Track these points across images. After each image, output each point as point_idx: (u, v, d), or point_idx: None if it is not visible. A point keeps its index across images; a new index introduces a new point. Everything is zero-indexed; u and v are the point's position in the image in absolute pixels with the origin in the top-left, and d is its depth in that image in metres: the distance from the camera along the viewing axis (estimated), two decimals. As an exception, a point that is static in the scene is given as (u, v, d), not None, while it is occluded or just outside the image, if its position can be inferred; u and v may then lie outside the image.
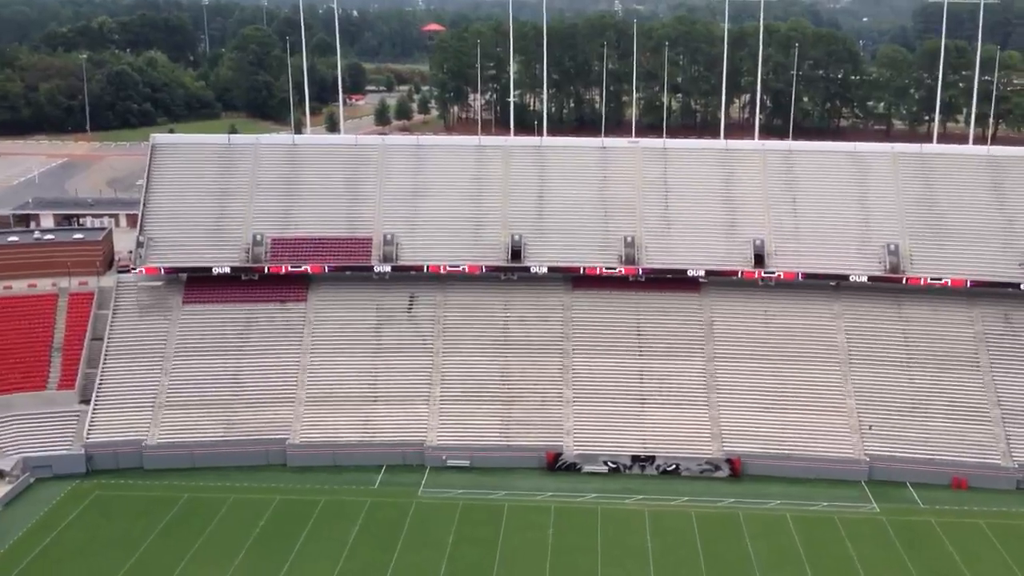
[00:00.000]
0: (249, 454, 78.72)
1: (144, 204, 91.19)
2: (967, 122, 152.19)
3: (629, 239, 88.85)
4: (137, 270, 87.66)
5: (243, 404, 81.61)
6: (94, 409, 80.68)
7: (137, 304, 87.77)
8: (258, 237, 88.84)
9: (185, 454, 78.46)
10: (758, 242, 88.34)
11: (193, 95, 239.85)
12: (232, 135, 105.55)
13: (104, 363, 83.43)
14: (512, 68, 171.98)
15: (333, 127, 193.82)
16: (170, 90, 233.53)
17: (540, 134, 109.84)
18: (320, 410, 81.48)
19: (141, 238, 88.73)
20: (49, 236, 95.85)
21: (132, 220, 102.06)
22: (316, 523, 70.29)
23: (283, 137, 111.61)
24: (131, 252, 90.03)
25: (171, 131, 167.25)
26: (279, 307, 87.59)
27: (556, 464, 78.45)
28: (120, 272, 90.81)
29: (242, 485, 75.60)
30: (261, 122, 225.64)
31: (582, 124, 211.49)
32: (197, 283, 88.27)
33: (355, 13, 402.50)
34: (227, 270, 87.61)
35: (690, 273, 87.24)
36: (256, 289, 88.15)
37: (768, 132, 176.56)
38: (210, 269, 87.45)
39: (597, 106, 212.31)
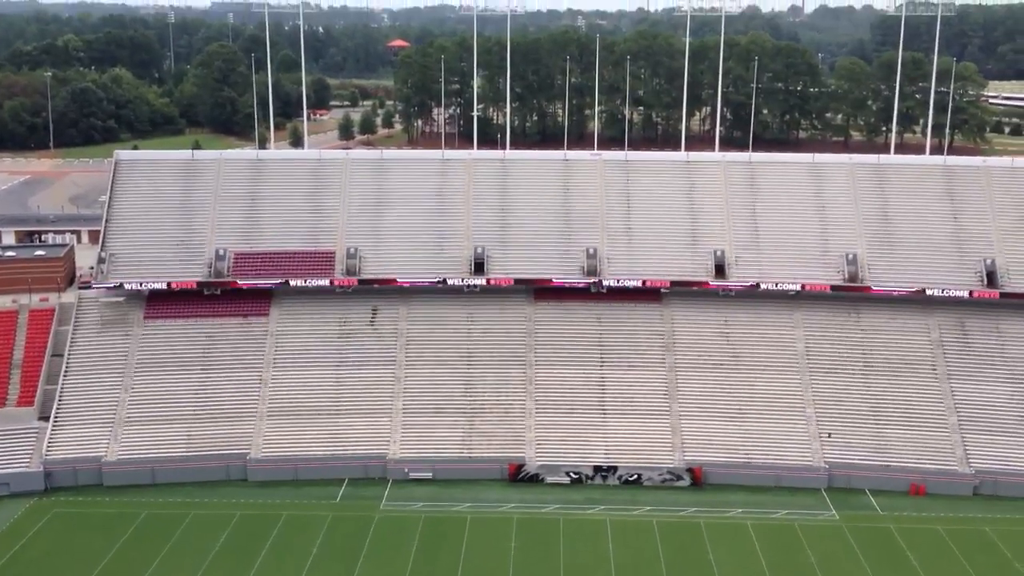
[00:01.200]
0: (210, 469, 78.28)
1: (106, 220, 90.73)
2: (924, 133, 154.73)
3: (591, 251, 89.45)
4: (98, 286, 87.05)
5: (204, 419, 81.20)
6: (53, 426, 79.98)
7: (99, 320, 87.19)
8: (221, 252, 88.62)
9: (145, 470, 77.91)
10: (719, 253, 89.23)
11: (157, 111, 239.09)
12: (196, 151, 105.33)
13: (64, 379, 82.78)
14: (476, 82, 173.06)
15: (297, 142, 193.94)
16: (134, 107, 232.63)
17: (503, 147, 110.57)
18: (282, 424, 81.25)
19: (103, 254, 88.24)
20: (10, 253, 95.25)
21: (94, 236, 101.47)
22: (277, 538, 69.99)
23: (247, 152, 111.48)
24: (92, 268, 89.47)
25: (135, 147, 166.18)
26: (241, 322, 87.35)
27: (518, 475, 78.67)
28: (81, 288, 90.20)
29: (202, 501, 75.16)
30: (225, 138, 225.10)
31: (545, 137, 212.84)
32: (159, 299, 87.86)
33: (320, 30, 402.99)
34: (189, 285, 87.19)
35: (652, 284, 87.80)
36: (218, 304, 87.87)
37: (728, 144, 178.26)
38: (172, 284, 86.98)
39: (560, 119, 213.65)
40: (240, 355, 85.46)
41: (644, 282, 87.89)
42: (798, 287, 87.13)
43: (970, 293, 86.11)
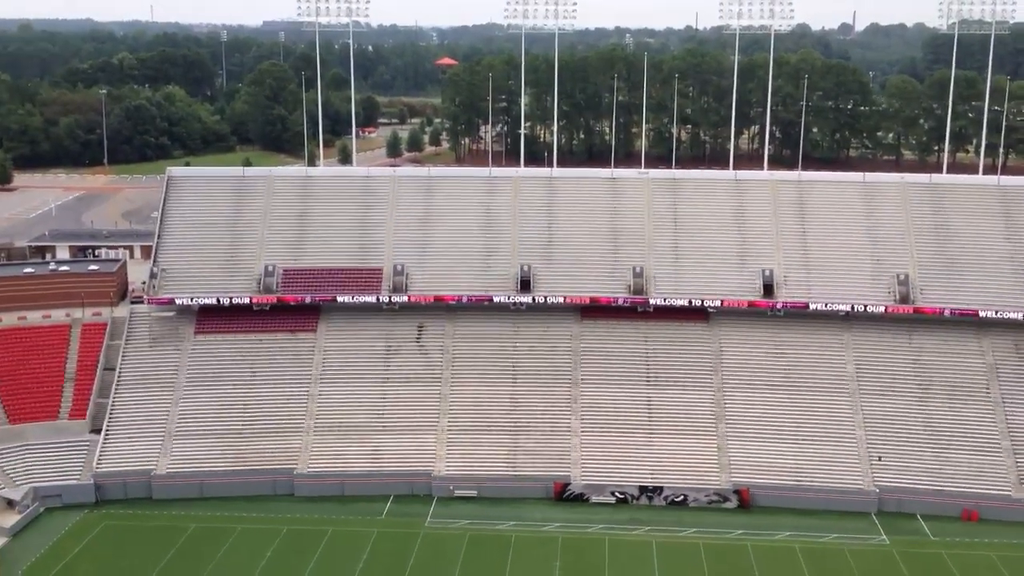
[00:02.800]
0: (257, 484, 78.93)
1: (158, 235, 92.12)
2: (977, 152, 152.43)
3: (638, 269, 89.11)
4: (150, 301, 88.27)
5: (252, 434, 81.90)
6: (104, 439, 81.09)
7: (149, 334, 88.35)
8: (270, 268, 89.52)
9: (194, 484, 78.72)
10: (767, 272, 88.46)
11: (209, 129, 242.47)
12: (246, 167, 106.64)
13: (115, 393, 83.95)
14: (523, 100, 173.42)
15: (346, 159, 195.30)
16: (186, 124, 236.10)
17: (550, 165, 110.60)
18: (328, 440, 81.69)
19: (155, 269, 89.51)
20: (64, 267, 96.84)
21: (146, 252, 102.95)
22: (323, 553, 70.31)
23: (296, 169, 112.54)
24: (144, 283, 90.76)
25: (187, 164, 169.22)
26: (289, 337, 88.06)
27: (563, 494, 78.33)
28: (133, 303, 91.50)
29: (250, 515, 75.74)
30: (275, 155, 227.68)
31: (592, 155, 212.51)
32: (209, 313, 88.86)
33: (370, 48, 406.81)
34: (239, 300, 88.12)
35: (699, 304, 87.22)
36: (267, 319, 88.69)
37: (777, 163, 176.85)
38: (222, 300, 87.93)
39: (607, 137, 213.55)
40: (288, 370, 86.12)
41: (691, 301, 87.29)
42: (848, 307, 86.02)
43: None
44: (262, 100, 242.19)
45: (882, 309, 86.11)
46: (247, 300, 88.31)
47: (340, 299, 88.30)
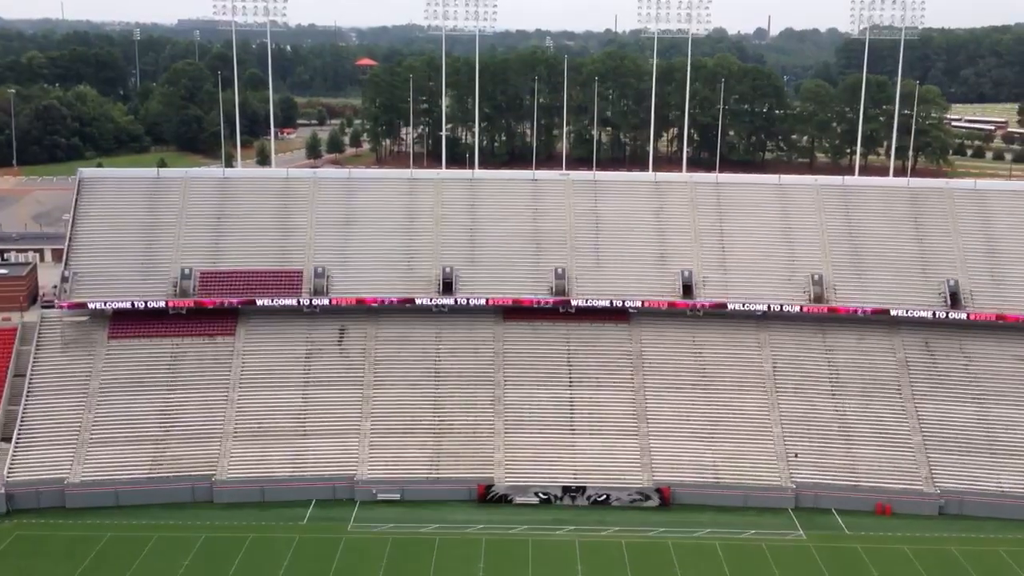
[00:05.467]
0: (174, 491, 77.40)
1: (70, 238, 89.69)
2: (888, 155, 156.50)
3: (560, 270, 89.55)
4: (62, 305, 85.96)
5: (169, 440, 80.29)
6: (15, 447, 78.75)
7: (61, 339, 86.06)
8: (186, 271, 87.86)
9: (109, 492, 76.83)
10: (687, 273, 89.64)
11: (122, 129, 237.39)
12: (161, 168, 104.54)
13: (26, 400, 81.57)
14: (444, 102, 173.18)
15: (264, 161, 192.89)
16: (99, 124, 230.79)
17: (472, 167, 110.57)
18: (248, 445, 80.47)
19: (66, 272, 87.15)
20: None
21: (58, 255, 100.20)
22: (243, 560, 69.17)
23: (213, 170, 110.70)
24: (56, 287, 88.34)
25: (99, 165, 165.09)
26: (207, 341, 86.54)
27: (487, 496, 78.33)
28: (44, 307, 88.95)
29: (167, 523, 74.22)
30: (191, 156, 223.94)
31: (513, 157, 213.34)
32: (123, 318, 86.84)
33: (288, 48, 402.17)
34: (155, 305, 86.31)
35: (620, 304, 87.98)
36: (184, 323, 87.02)
37: (696, 165, 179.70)
38: (136, 304, 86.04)
39: (528, 139, 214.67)
40: (206, 375, 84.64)
41: (612, 302, 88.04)
42: (765, 307, 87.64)
43: (934, 314, 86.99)
44: (177, 100, 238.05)
45: (797, 309, 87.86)
46: (163, 304, 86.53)
47: (259, 302, 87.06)
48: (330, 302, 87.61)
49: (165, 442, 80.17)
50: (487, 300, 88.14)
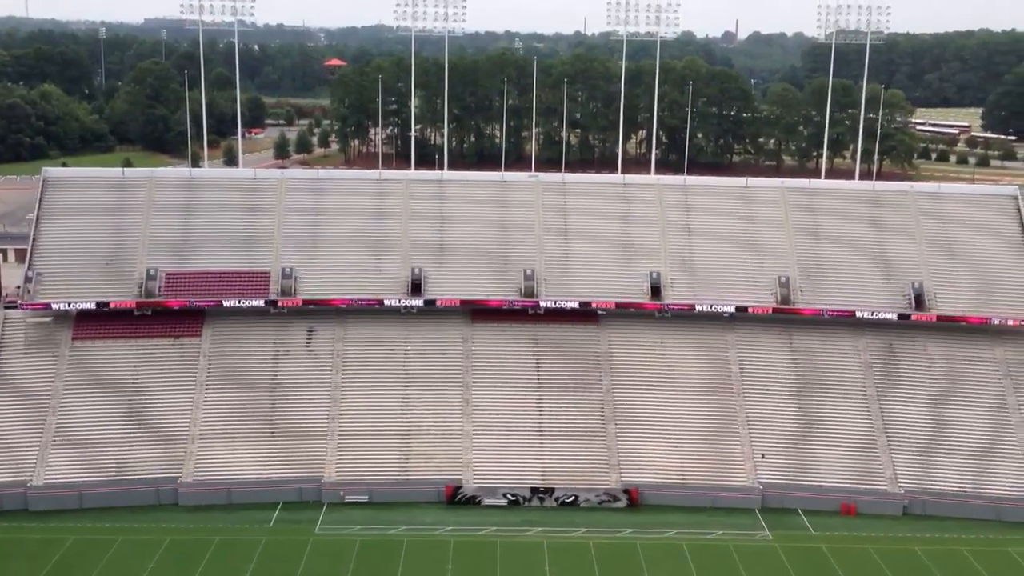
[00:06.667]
0: (139, 493, 76.66)
1: (33, 238, 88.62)
2: (853, 158, 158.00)
3: (529, 272, 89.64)
4: (25, 306, 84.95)
5: (134, 442, 79.52)
6: (-24, 450, 77.71)
7: (24, 341, 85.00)
8: (152, 271, 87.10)
9: (72, 495, 75.96)
10: (655, 275, 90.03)
11: (87, 128, 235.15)
12: (126, 168, 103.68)
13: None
14: (413, 103, 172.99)
15: (231, 161, 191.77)
16: (64, 123, 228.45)
17: (441, 168, 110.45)
18: (214, 447, 79.85)
19: (30, 273, 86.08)
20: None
21: (21, 255, 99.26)
22: (209, 563, 68.63)
23: (179, 170, 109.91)
24: (19, 287, 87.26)
25: (64, 164, 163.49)
26: (173, 342, 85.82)
27: (455, 498, 78.25)
28: (7, 308, 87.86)
29: (132, 526, 73.47)
30: (157, 156, 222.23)
31: (482, 158, 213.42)
32: (88, 319, 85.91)
33: (256, 48, 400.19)
34: (120, 305, 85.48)
35: (589, 306, 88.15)
36: (149, 325, 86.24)
37: (664, 167, 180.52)
38: (101, 304, 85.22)
39: (497, 141, 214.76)
40: (171, 377, 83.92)
41: (581, 303, 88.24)
42: (732, 309, 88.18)
43: (898, 316, 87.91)
44: (143, 99, 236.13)
45: (764, 310, 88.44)
46: (128, 305, 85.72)
47: (226, 303, 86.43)
48: (298, 303, 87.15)
49: (130, 444, 79.39)
50: (456, 301, 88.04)
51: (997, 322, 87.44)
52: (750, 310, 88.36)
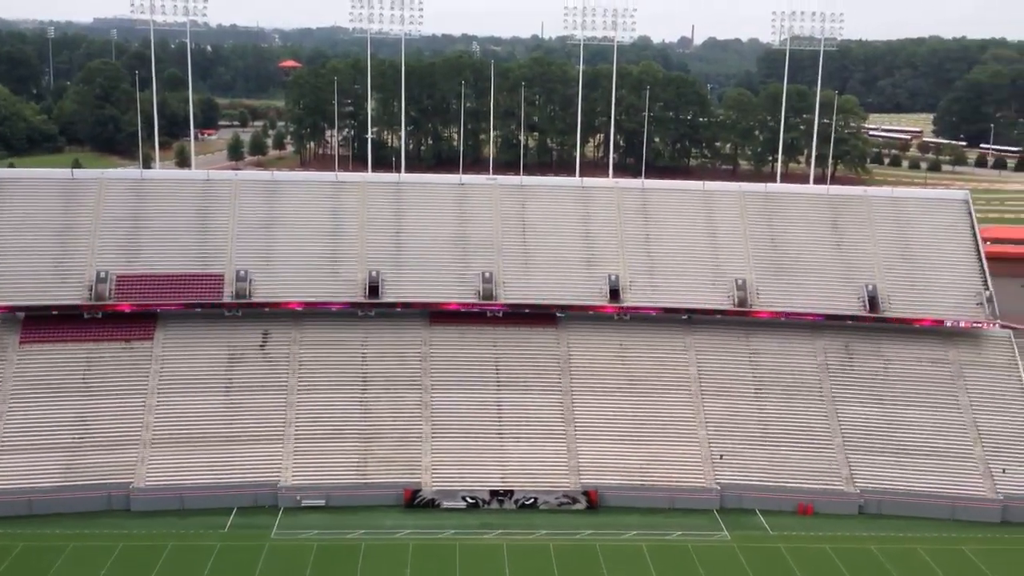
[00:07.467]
0: (90, 499, 75.19)
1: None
2: (808, 163, 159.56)
3: (487, 275, 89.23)
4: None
5: (84, 447, 77.96)
6: (-80, 457, 75.76)
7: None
8: (102, 274, 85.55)
9: (21, 501, 74.25)
10: (613, 277, 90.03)
11: (35, 129, 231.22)
12: (76, 169, 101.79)
13: (-68, 407, 78.58)
14: (370, 105, 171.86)
15: (184, 162, 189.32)
16: (11, 123, 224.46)
17: (398, 171, 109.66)
18: (167, 452, 78.49)
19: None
20: None
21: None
22: (162, 570, 67.35)
23: (130, 171, 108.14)
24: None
25: (11, 165, 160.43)
26: (124, 346, 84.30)
27: (414, 501, 77.58)
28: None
29: (82, 532, 71.96)
30: (107, 157, 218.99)
31: (440, 161, 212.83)
32: (36, 322, 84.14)
33: (208, 48, 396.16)
34: (69, 308, 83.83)
35: (548, 308, 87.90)
36: (100, 328, 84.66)
37: (622, 171, 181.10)
38: (50, 307, 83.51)
39: (455, 143, 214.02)
40: (122, 381, 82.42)
41: (540, 305, 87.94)
42: (690, 311, 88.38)
43: (854, 318, 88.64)
44: (92, 100, 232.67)
45: (722, 313, 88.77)
46: (77, 307, 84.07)
47: (178, 306, 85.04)
48: (252, 306, 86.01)
49: (80, 449, 77.84)
50: (414, 304, 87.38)
51: (950, 324, 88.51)
52: (708, 312, 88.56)
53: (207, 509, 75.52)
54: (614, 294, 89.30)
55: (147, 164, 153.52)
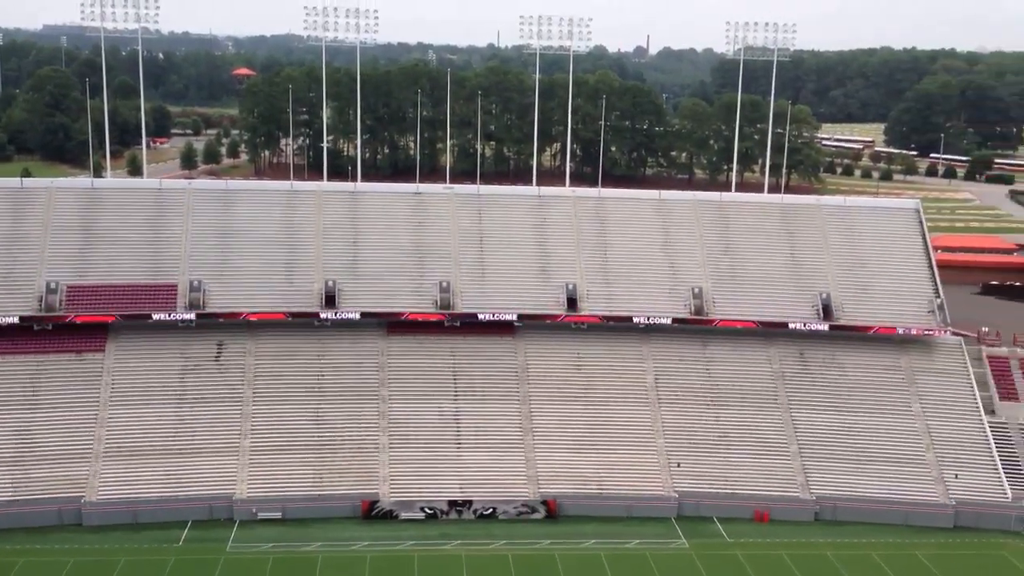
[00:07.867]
0: (40, 514, 73.76)
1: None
2: (762, 172, 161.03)
3: (444, 284, 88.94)
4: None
5: (34, 461, 76.51)
6: None
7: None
8: (52, 285, 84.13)
9: (-31, 517, 72.79)
10: (571, 286, 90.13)
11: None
12: (25, 178, 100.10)
13: None
14: (325, 113, 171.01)
15: (136, 171, 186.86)
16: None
17: (354, 180, 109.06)
18: (120, 465, 77.26)
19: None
20: None
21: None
22: (115, 585, 66.36)
23: (80, 180, 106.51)
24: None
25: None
26: (74, 358, 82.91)
27: (372, 512, 77.00)
28: None
29: (32, 547, 70.56)
30: (58, 166, 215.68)
31: (397, 170, 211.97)
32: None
33: (160, 56, 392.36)
34: (16, 320, 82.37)
35: (504, 317, 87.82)
36: (49, 340, 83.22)
37: (579, 179, 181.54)
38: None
39: (411, 152, 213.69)
40: (73, 393, 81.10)
41: (497, 315, 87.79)
42: (647, 320, 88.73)
43: (808, 326, 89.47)
44: (42, 108, 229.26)
45: (678, 321, 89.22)
46: (26, 320, 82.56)
47: (131, 317, 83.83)
48: (206, 316, 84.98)
49: (29, 463, 76.38)
50: (371, 314, 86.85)
51: (902, 331, 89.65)
52: (664, 321, 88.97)
53: (161, 523, 74.43)
54: (571, 303, 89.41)
55: (98, 173, 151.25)
